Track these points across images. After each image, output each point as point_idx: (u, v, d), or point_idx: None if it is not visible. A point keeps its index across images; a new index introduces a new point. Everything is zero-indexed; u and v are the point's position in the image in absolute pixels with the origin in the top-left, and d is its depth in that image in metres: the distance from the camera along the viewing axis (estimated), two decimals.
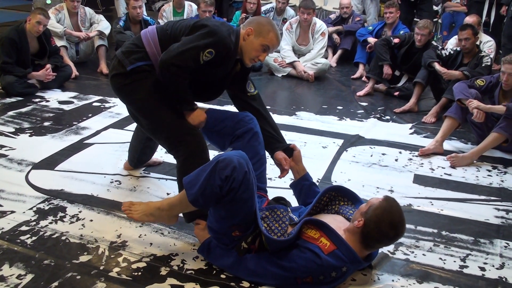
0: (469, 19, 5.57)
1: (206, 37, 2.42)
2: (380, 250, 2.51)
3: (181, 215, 2.63)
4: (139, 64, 2.56)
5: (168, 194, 3.04)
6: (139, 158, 3.23)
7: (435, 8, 7.59)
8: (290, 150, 2.73)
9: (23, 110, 4.39)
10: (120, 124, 4.16)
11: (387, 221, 2.16)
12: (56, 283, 2.19)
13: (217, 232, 2.30)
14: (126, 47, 2.64)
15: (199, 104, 2.67)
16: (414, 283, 2.33)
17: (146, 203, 2.45)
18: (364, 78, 5.98)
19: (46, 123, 4.11)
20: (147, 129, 2.72)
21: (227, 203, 2.16)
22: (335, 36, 6.79)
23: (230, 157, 2.15)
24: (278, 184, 3.18)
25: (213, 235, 2.34)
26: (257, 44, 2.52)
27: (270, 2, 6.99)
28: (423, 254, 2.56)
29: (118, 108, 4.54)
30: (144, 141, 3.10)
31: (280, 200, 2.54)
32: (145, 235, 2.61)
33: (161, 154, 3.51)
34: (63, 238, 2.54)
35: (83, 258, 2.38)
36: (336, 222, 2.30)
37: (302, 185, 2.69)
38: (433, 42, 5.28)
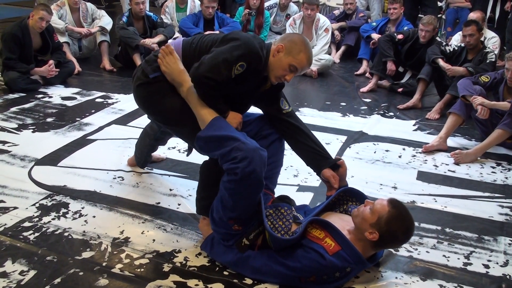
0: (474, 15, 5.53)
1: (238, 49, 2.29)
2: None
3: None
4: (160, 73, 2.47)
5: (171, 190, 3.03)
6: (146, 159, 3.23)
7: (439, 4, 7.56)
8: (337, 166, 2.60)
9: (26, 106, 4.39)
10: (123, 120, 4.15)
11: (403, 230, 2.16)
12: (58, 279, 2.19)
13: (218, 224, 2.28)
14: (150, 57, 2.56)
15: None
16: (417, 280, 2.32)
17: (181, 70, 2.41)
18: (367, 74, 5.96)
19: (49, 119, 4.10)
20: (178, 135, 2.67)
21: (231, 189, 2.16)
22: (336, 33, 6.76)
23: (251, 146, 2.15)
24: (281, 181, 3.16)
25: (214, 227, 2.33)
26: (285, 63, 2.36)
27: None
28: (427, 251, 2.55)
29: (121, 104, 4.54)
30: (153, 142, 3.09)
31: (284, 199, 2.52)
32: (148, 231, 2.61)
33: (164, 151, 3.51)
34: (66, 234, 2.54)
35: (86, 255, 2.38)
36: (342, 221, 2.29)
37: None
38: (437, 38, 5.25)
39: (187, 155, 2.85)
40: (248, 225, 2.26)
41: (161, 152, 3.45)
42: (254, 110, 2.68)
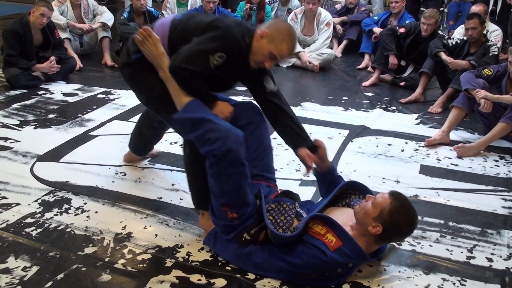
0: (476, 8, 5.51)
1: (216, 40, 2.29)
2: None
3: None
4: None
5: (173, 185, 3.03)
6: (146, 146, 3.21)
7: None
8: (315, 147, 2.57)
9: (28, 102, 4.38)
10: (124, 116, 4.15)
11: (406, 222, 2.15)
12: (61, 275, 2.19)
13: (216, 215, 2.29)
14: (135, 35, 2.54)
15: None
16: (420, 274, 2.32)
17: (160, 53, 2.41)
18: (369, 69, 5.94)
19: (50, 115, 4.10)
20: (161, 117, 2.66)
21: (213, 173, 2.21)
22: (338, 27, 6.75)
23: (223, 125, 2.22)
24: (284, 175, 3.17)
25: (214, 220, 2.33)
26: (266, 49, 2.35)
27: None
28: (430, 245, 2.55)
29: (123, 99, 4.54)
30: (153, 129, 3.05)
31: (288, 194, 2.51)
32: (150, 226, 2.60)
33: (166, 146, 3.51)
34: (68, 230, 2.54)
35: (88, 250, 2.38)
36: (345, 216, 2.27)
37: (327, 178, 2.60)
38: (439, 32, 5.23)
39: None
40: (243, 213, 2.24)
41: (162, 147, 3.45)
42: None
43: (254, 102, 2.62)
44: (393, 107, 4.72)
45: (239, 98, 3.20)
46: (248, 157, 2.33)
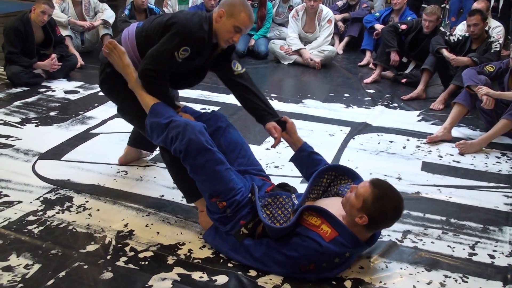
0: (478, 5, 5.49)
1: (176, 37, 2.45)
2: (388, 238, 2.50)
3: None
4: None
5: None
6: (148, 141, 3.18)
7: None
8: (283, 123, 2.70)
9: (29, 100, 4.39)
10: None
11: (391, 207, 2.14)
12: (63, 273, 2.19)
13: (209, 209, 2.34)
14: None
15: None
16: (422, 271, 2.31)
17: (125, 64, 2.58)
18: (371, 65, 5.93)
19: (52, 113, 4.10)
20: (136, 127, 2.85)
21: (189, 169, 2.31)
22: (339, 24, 6.73)
23: (181, 120, 2.33)
24: (285, 172, 3.17)
25: (209, 215, 2.37)
26: (229, 25, 2.49)
27: None
28: (432, 242, 2.54)
29: None
30: None
31: (284, 187, 2.52)
32: (152, 224, 2.61)
33: None
34: (70, 228, 2.54)
35: (90, 248, 2.38)
36: (336, 205, 2.26)
37: (302, 156, 2.66)
38: (441, 28, 5.22)
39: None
40: (231, 199, 2.27)
41: None
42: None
43: (216, 110, 2.80)
44: (395, 104, 4.71)
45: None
46: (230, 159, 2.46)
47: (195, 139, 2.25)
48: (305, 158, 2.65)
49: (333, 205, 2.27)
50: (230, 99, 4.15)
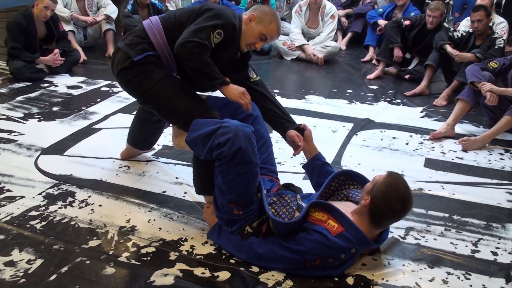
0: (482, 1, 5.46)
1: (214, 19, 2.42)
2: (390, 235, 2.49)
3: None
4: (146, 54, 2.50)
5: (177, 178, 3.03)
6: (146, 140, 3.16)
7: None
8: (301, 130, 2.69)
9: (32, 95, 4.39)
10: (128, 109, 4.14)
11: (394, 195, 2.14)
12: (65, 268, 2.19)
13: (221, 210, 2.30)
14: (129, 39, 2.58)
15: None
16: (425, 268, 2.31)
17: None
18: (374, 61, 5.92)
19: (54, 108, 4.10)
20: (163, 117, 2.69)
21: (222, 172, 2.22)
22: (343, 19, 6.72)
23: (232, 126, 2.21)
24: (287, 169, 3.16)
25: (217, 214, 2.34)
26: (256, 31, 2.51)
27: None
28: (434, 239, 2.54)
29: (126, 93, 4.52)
30: (152, 123, 3.03)
31: (289, 187, 2.52)
32: (154, 220, 2.60)
33: (170, 140, 3.50)
34: (73, 223, 2.54)
35: (93, 243, 2.38)
36: (345, 206, 2.28)
37: (314, 165, 2.66)
38: (445, 24, 5.20)
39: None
40: (249, 210, 2.26)
41: (166, 141, 3.44)
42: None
43: None
44: (398, 100, 4.70)
45: None
46: None
47: (244, 148, 2.16)
48: (318, 167, 2.64)
49: (341, 206, 2.27)
50: None
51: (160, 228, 2.53)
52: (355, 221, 2.17)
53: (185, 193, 2.87)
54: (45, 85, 4.67)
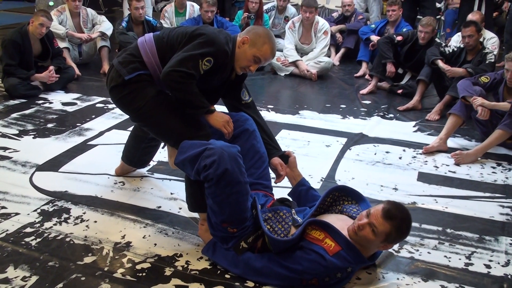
0: (472, 16, 5.54)
1: (204, 46, 2.41)
2: None
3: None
4: (137, 73, 2.53)
5: (171, 194, 3.04)
6: (140, 157, 3.17)
7: (438, 5, 7.57)
8: (286, 157, 2.73)
9: (27, 112, 4.40)
10: (123, 125, 4.15)
11: (406, 228, 2.18)
12: (60, 285, 2.19)
13: (215, 228, 2.30)
14: (123, 57, 2.61)
15: None
16: (419, 281, 2.32)
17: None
18: (367, 76, 5.96)
19: (49, 125, 4.11)
20: (155, 135, 2.70)
21: (211, 194, 2.21)
22: (337, 35, 6.79)
23: (217, 148, 2.20)
24: (282, 184, 3.17)
25: (212, 232, 2.34)
26: (249, 54, 2.50)
27: (272, 1, 6.97)
28: (428, 252, 2.55)
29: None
30: (147, 141, 3.04)
31: (284, 201, 2.53)
32: (149, 235, 2.61)
33: (165, 155, 3.51)
34: (68, 239, 2.54)
35: (88, 259, 2.38)
36: (340, 221, 2.29)
37: (300, 191, 2.68)
38: (437, 39, 5.26)
39: (162, 147, 3.09)
40: (243, 227, 2.27)
41: (161, 156, 3.45)
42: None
43: (242, 112, 2.70)
44: (391, 115, 4.74)
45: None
46: (245, 165, 2.34)
47: (230, 170, 2.15)
48: (303, 192, 2.67)
49: (336, 221, 2.28)
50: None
51: (155, 244, 2.53)
52: (351, 240, 2.17)
53: (180, 208, 2.88)
54: (40, 102, 4.69)
